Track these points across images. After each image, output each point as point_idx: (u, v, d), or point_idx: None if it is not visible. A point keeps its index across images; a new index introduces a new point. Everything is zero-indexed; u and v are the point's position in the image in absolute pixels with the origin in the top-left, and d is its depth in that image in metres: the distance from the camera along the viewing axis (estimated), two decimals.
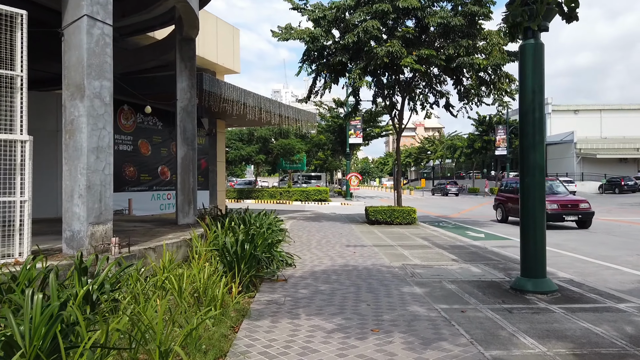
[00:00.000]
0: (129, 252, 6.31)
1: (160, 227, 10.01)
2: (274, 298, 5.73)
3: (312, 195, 32.69)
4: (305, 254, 9.31)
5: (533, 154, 5.99)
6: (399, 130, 16.38)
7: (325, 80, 15.59)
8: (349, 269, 7.62)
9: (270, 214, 12.14)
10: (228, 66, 18.76)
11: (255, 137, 32.71)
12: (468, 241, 11.54)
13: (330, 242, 11.09)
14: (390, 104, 16.97)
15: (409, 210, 15.67)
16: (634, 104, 59.00)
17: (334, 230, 13.79)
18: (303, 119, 19.54)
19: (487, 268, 7.77)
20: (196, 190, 10.92)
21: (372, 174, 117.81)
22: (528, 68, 6.03)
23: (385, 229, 14.15)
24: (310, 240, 11.57)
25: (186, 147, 10.71)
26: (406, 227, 14.73)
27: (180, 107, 10.70)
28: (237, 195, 34.56)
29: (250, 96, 15.74)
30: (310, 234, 12.82)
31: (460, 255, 9.07)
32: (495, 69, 14.05)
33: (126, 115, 14.77)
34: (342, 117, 35.42)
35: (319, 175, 50.15)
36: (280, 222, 12.67)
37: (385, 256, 8.98)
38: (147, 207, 15.47)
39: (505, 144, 47.12)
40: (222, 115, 18.90)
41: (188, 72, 10.76)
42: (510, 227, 15.99)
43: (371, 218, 15.65)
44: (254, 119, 16.49)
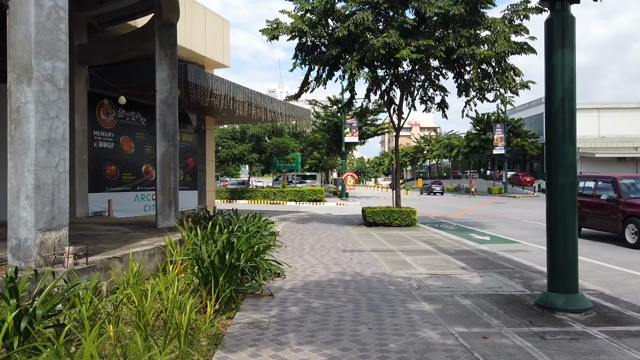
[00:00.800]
0: (87, 263, 5.36)
1: (137, 231, 9.06)
2: (257, 319, 4.80)
3: (307, 196, 31.75)
4: (297, 261, 8.38)
5: (563, 147, 5.11)
6: (398, 127, 15.49)
7: (319, 75, 14.66)
8: (346, 280, 6.70)
9: (260, 216, 11.21)
10: (217, 59, 17.81)
11: (248, 135, 31.72)
12: (474, 245, 10.65)
13: (325, 247, 10.17)
14: (388, 100, 16.07)
15: (408, 211, 14.77)
16: (633, 103, 58.46)
17: (329, 233, 12.87)
18: (297, 115, 18.62)
19: (501, 278, 6.86)
20: (177, 191, 9.96)
21: (368, 174, 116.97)
22: (556, 46, 5.13)
23: (383, 232, 13.25)
24: (303, 244, 10.64)
25: (167, 143, 9.75)
26: (406, 230, 13.83)
27: (160, 99, 9.75)
28: (230, 195, 33.56)
29: (240, 90, 14.80)
30: (303, 238, 11.90)
31: (469, 262, 8.17)
32: (499, 61, 13.18)
33: (106, 110, 13.78)
34: (338, 112, 34.46)
35: (314, 175, 49.17)
36: (271, 224, 11.75)
37: (386, 263, 8.07)
38: (130, 209, 14.49)
39: (503, 143, 46.36)
40: (211, 111, 17.95)
41: (168, 61, 9.80)
42: (514, 228, 15.13)
43: (369, 220, 14.75)
44: (244, 115, 15.56)
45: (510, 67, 12.96)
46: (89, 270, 5.27)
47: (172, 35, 9.93)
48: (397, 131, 15.44)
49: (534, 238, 12.61)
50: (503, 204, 30.85)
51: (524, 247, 10.93)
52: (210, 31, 17.20)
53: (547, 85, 5.29)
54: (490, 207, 27.39)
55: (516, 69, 12.95)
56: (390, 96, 16.23)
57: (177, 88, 12.17)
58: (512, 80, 12.85)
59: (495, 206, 27.97)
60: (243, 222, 9.79)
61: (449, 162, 75.57)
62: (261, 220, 10.74)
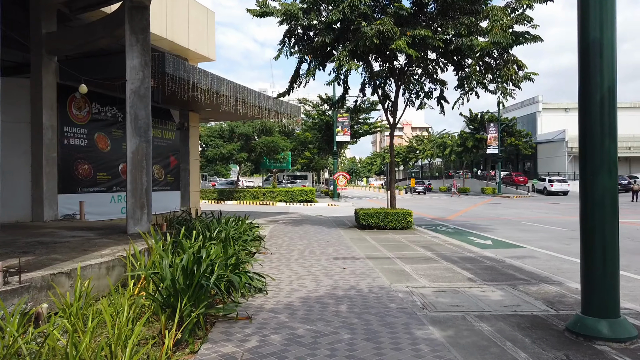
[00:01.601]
0: (20, 282, 4.37)
1: (103, 237, 8.06)
2: (228, 354, 3.85)
3: (298, 196, 30.81)
4: (283, 271, 7.43)
5: (604, 142, 4.24)
6: (393, 124, 14.59)
7: (310, 67, 13.72)
8: (339, 296, 5.77)
9: (244, 220, 10.25)
10: (202, 52, 16.78)
11: (237, 134, 30.69)
12: (477, 251, 9.77)
13: (314, 254, 9.24)
14: (383, 94, 15.18)
15: (404, 213, 13.88)
16: (625, 102, 58.23)
17: (320, 237, 11.94)
18: (286, 112, 17.67)
19: (517, 293, 5.97)
20: (150, 192, 8.97)
21: (359, 174, 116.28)
22: (594, 17, 4.24)
23: (378, 235, 12.34)
24: (291, 250, 9.69)
25: (138, 139, 8.76)
26: (402, 233, 12.93)
27: (131, 89, 8.75)
28: (218, 196, 32.50)
29: (225, 84, 13.83)
30: (291, 243, 10.95)
31: (476, 272, 7.28)
32: (501, 53, 12.34)
33: (78, 104, 12.73)
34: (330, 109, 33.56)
35: (305, 175, 48.27)
36: (256, 228, 10.81)
37: (383, 274, 7.15)
38: (105, 211, 13.44)
39: (496, 142, 45.73)
40: (195, 107, 16.95)
41: (140, 47, 8.81)
42: (514, 231, 14.30)
43: (362, 222, 13.84)
44: (230, 110, 14.59)
45: (512, 59, 12.11)
46: (21, 292, 4.29)
47: (144, 18, 8.93)
48: (392, 128, 14.55)
49: (538, 242, 11.77)
50: (498, 204, 30.14)
51: (531, 253, 10.08)
52: (194, 22, 16.17)
53: (581, 68, 4.41)
54: (486, 207, 26.63)
55: (519, 61, 12.11)
56: (385, 91, 15.34)
57: (152, 78, 11.20)
58: (515, 72, 12.00)
59: (491, 207, 27.22)
60: (224, 227, 8.82)
61: (441, 161, 74.97)
62: (245, 224, 9.78)
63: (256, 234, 10.48)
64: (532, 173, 55.63)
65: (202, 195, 33.06)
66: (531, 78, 12.16)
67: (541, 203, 30.63)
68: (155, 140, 15.74)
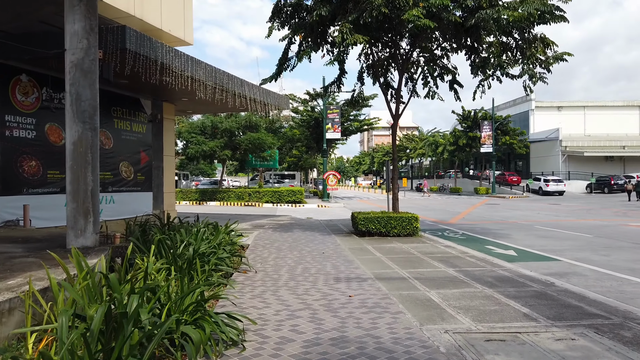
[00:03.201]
0: None
1: (30, 255, 6.05)
2: None
3: (285, 197, 28.84)
4: (269, 302, 5.51)
5: None
6: (396, 115, 12.75)
7: (302, 48, 11.82)
8: (351, 353, 3.87)
9: (221, 229, 8.31)
10: (177, 35, 14.67)
11: (220, 130, 28.61)
12: (509, 266, 7.95)
13: (309, 271, 7.33)
14: (384, 82, 13.33)
15: (409, 217, 12.04)
16: (618, 101, 57.41)
17: (313, 247, 10.04)
18: (272, 103, 15.71)
19: (612, 343, 4.13)
20: (97, 195, 6.97)
21: (348, 174, 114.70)
22: None
23: (382, 245, 10.48)
24: (279, 267, 7.77)
25: (81, 126, 6.76)
26: (408, 241, 11.09)
27: (72, 61, 6.75)
28: (200, 196, 30.38)
29: (202, 67, 11.83)
30: (280, 255, 9.03)
31: (529, 304, 5.43)
32: (523, 30, 10.55)
33: (24, 88, 10.63)
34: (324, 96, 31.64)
35: (293, 174, 46.25)
36: (238, 237, 8.88)
37: (405, 306, 5.28)
38: (58, 216, 11.29)
39: (491, 141, 44.28)
40: (169, 96, 14.90)
41: (84, 8, 6.80)
42: (533, 237, 12.55)
43: (361, 228, 11.96)
44: (208, 99, 12.59)
45: (539, 37, 10.33)
46: None
47: None
48: (396, 119, 12.70)
49: (570, 252, 10.02)
50: (497, 205, 28.55)
51: (571, 268, 8.29)
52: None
53: None
54: (485, 209, 24.98)
55: (547, 39, 10.33)
56: (387, 79, 13.50)
57: (111, 57, 9.22)
58: (542, 52, 10.22)
59: (490, 208, 25.58)
60: (193, 239, 6.87)
61: (430, 161, 73.49)
62: (221, 235, 7.82)
63: (237, 246, 8.54)
64: (524, 173, 54.41)
65: (182, 195, 30.93)
66: (564, 58, 10.38)
67: (541, 204, 29.13)
68: (123, 134, 13.68)
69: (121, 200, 13.42)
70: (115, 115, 13.37)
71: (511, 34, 10.74)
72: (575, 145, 50.20)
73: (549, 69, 10.51)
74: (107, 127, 12.94)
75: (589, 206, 26.33)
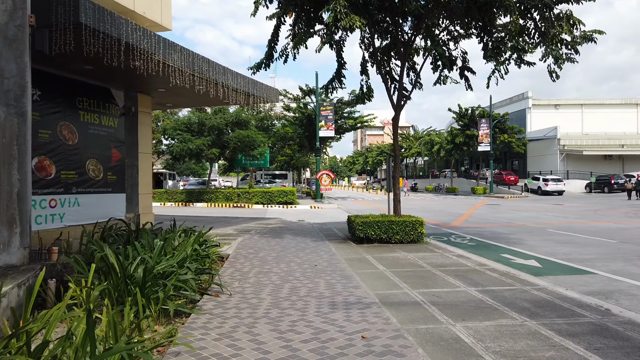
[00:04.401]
0: None
1: None
2: None
3: (276, 198, 27.35)
4: (241, 346, 4.05)
5: None
6: (398, 106, 11.33)
7: (295, 29, 10.37)
8: None
9: (193, 238, 6.86)
10: (153, 18, 13.21)
11: (207, 127, 27.06)
12: (539, 283, 6.55)
13: (297, 294, 5.89)
14: (385, 73, 11.90)
15: (413, 222, 10.63)
16: (616, 99, 56.51)
17: (305, 258, 8.59)
18: (260, 94, 14.24)
19: None
20: (28, 198, 5.47)
21: (341, 174, 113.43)
22: None
23: (384, 254, 9.06)
24: (261, 288, 6.32)
25: (4, 110, 5.28)
26: (413, 250, 9.68)
27: None
28: (186, 197, 28.79)
29: (177, 51, 10.34)
30: (263, 269, 7.58)
31: (595, 346, 4.03)
32: (544, 9, 9.18)
33: None
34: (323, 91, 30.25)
35: (285, 173, 44.74)
36: (214, 248, 7.44)
37: (428, 352, 3.86)
38: None
39: (488, 139, 43.06)
40: (145, 87, 13.39)
41: None
42: (550, 242, 11.19)
43: (358, 234, 10.52)
44: (185, 86, 11.10)
45: (564, 15, 8.95)
46: None
47: None
48: (397, 110, 11.29)
49: (601, 262, 8.66)
50: (498, 205, 27.26)
51: (614, 284, 6.90)
52: None
53: None
54: (487, 210, 23.66)
55: (573, 17, 8.94)
56: (387, 69, 12.10)
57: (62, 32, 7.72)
58: (568, 31, 8.84)
59: (492, 209, 24.26)
60: (149, 257, 5.40)
61: (427, 160, 72.22)
62: (189, 247, 6.35)
63: (210, 259, 7.09)
64: (520, 172, 53.33)
65: (167, 197, 29.34)
66: (593, 38, 9.01)
67: (543, 204, 27.88)
68: (90, 128, 12.15)
69: (88, 202, 11.89)
70: (81, 106, 11.83)
71: (530, 13, 9.36)
72: (574, 144, 49.18)
73: (576, 50, 9.13)
74: (71, 120, 11.42)
75: (594, 206, 25.12)
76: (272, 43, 10.47)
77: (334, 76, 11.57)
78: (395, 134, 11.51)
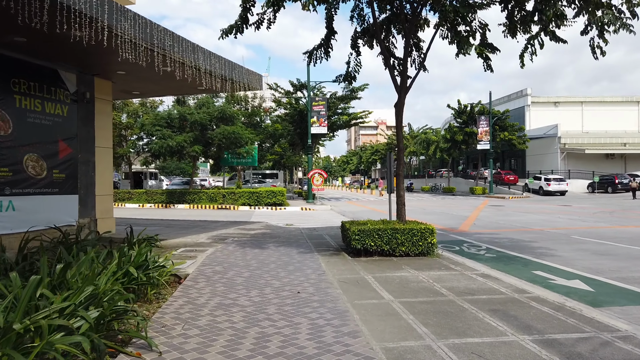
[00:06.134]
0: None
1: None
2: None
3: (265, 198, 25.29)
4: None
5: None
6: (402, 88, 9.33)
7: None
8: None
9: (114, 262, 4.83)
10: None
11: (189, 122, 24.94)
12: (615, 324, 4.58)
13: (265, 355, 3.87)
14: (384, 48, 9.90)
15: (422, 230, 8.63)
16: (617, 96, 54.97)
17: (285, 281, 6.58)
18: (239, 79, 12.21)
19: None
20: None
21: (335, 173, 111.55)
22: None
23: (388, 273, 7.06)
24: (210, 341, 4.28)
25: None
26: (424, 266, 7.70)
27: None
28: (167, 198, 26.64)
29: (129, 18, 8.29)
30: (225, 302, 5.56)
31: None
32: None
33: None
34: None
35: (276, 173, 42.64)
36: (161, 269, 5.42)
37: None
38: None
39: (488, 137, 41.23)
40: (103, 69, 11.30)
41: None
42: (587, 254, 9.24)
43: (355, 245, 8.51)
44: (139, 62, 9.02)
45: None
46: None
47: None
48: (402, 93, 9.27)
49: None
50: (502, 207, 25.37)
51: None
52: None
53: None
54: (493, 212, 21.74)
55: None
56: (386, 45, 10.11)
57: None
58: None
59: (498, 211, 22.35)
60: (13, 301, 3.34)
61: (418, 160, 70.27)
62: (111, 275, 4.30)
63: (163, 280, 5.07)
64: (519, 171, 51.62)
65: (147, 197, 27.19)
66: None
67: (549, 205, 26.06)
68: (30, 116, 10.02)
69: (26, 206, 9.79)
70: (17, 89, 9.71)
71: None
72: (575, 143, 47.51)
73: (634, 13, 7.17)
74: (2, 106, 9.33)
75: (604, 207, 23.33)
76: (247, 3, 8.42)
77: (322, 42, 9.52)
78: (400, 122, 9.51)
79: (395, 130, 10.18)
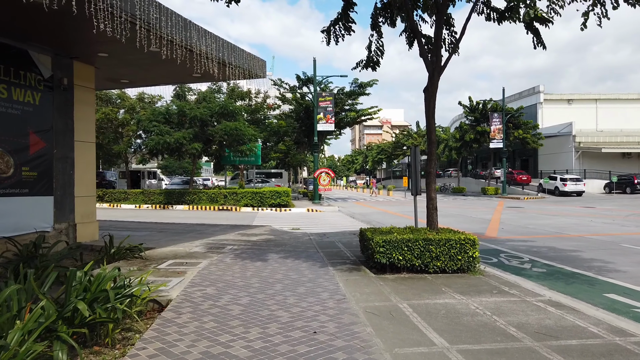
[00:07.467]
0: None
1: None
2: None
3: (268, 199, 23.75)
4: None
5: None
6: (436, 68, 7.75)
7: None
8: None
9: None
10: None
11: (189, 117, 23.44)
12: None
13: None
14: (409, 26, 8.33)
15: (461, 240, 7.04)
16: (633, 93, 53.10)
17: (295, 312, 5.04)
18: (239, 63, 10.68)
19: None
20: None
21: (339, 173, 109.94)
22: None
23: (427, 300, 5.50)
24: None
25: None
26: (470, 289, 6.13)
27: None
28: (165, 199, 25.13)
29: None
30: (212, 352, 4.00)
31: None
32: None
33: None
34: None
35: (280, 172, 41.07)
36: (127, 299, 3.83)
37: None
38: None
39: (501, 135, 39.55)
40: (83, 50, 9.78)
41: None
42: None
43: (379, 258, 6.94)
44: (121, 38, 7.48)
45: None
46: None
47: None
48: (436, 73, 7.70)
49: None
50: (522, 209, 23.73)
51: None
52: None
53: None
54: (515, 215, 20.12)
55: None
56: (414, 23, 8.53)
57: None
58: None
59: (521, 214, 20.72)
60: None
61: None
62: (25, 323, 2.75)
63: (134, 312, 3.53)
64: (531, 171, 49.85)
65: (144, 198, 25.69)
66: None
67: (570, 207, 24.39)
68: None
69: None
70: None
71: None
72: (590, 141, 45.69)
73: None
74: None
75: (630, 209, 21.70)
76: None
77: (340, 16, 7.96)
78: (432, 110, 7.93)
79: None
